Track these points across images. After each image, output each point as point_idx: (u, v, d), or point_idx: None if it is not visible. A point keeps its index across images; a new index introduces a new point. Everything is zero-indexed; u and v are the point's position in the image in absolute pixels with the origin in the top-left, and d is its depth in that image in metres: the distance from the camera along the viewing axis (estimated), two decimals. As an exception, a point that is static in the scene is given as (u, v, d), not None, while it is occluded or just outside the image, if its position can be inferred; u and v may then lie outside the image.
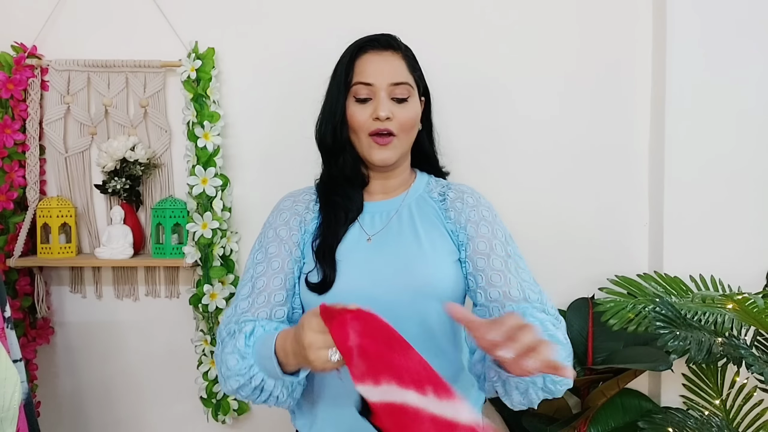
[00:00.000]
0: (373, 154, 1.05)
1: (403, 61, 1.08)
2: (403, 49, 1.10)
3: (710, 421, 1.38)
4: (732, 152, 1.56)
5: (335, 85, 1.08)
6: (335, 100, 1.07)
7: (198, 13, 1.62)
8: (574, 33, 1.62)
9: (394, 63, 1.06)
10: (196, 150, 1.54)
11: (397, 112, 1.04)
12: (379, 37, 1.09)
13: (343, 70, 1.07)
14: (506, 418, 1.64)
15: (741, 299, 1.22)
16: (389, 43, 1.08)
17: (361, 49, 1.07)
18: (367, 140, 1.05)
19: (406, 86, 1.05)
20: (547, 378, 0.88)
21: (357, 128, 1.05)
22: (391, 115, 1.03)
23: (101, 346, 1.69)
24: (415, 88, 1.08)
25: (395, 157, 1.06)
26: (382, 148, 1.04)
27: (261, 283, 1.03)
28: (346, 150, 1.09)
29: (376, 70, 1.04)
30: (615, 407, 1.54)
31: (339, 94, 1.07)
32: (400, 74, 1.06)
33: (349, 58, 1.07)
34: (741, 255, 1.56)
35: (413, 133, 1.09)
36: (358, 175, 1.10)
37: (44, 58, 1.61)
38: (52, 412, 1.69)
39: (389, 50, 1.07)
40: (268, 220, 1.13)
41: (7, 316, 1.27)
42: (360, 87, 1.05)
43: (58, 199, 1.59)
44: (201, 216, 1.54)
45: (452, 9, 1.62)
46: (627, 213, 1.66)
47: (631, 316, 1.34)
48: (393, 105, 1.04)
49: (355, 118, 1.05)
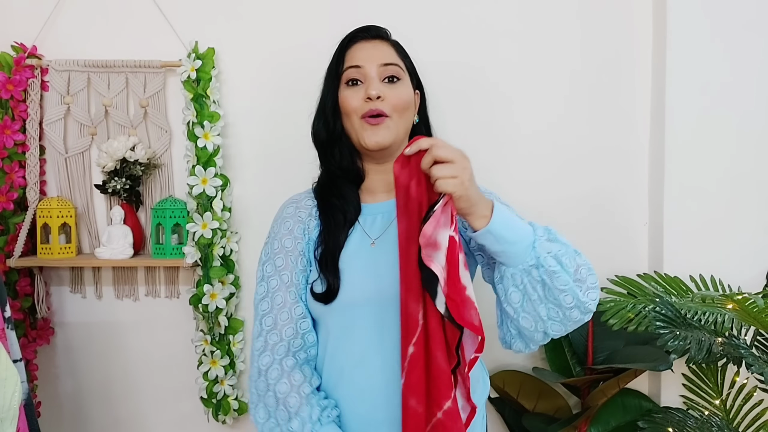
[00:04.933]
0: (366, 136, 1.03)
1: (392, 47, 1.10)
2: (392, 40, 1.12)
3: (710, 421, 1.39)
4: (732, 152, 1.56)
5: (327, 78, 1.10)
6: (327, 92, 1.09)
7: (198, 13, 1.62)
8: (575, 33, 1.62)
9: (383, 48, 1.08)
10: (196, 150, 1.54)
11: (389, 92, 1.03)
12: (368, 28, 1.11)
13: (334, 62, 1.09)
14: (506, 418, 1.64)
15: (741, 299, 1.22)
16: (378, 32, 1.11)
17: (352, 39, 1.09)
18: (360, 123, 1.03)
19: (395, 67, 1.06)
20: (540, 268, 0.90)
21: (350, 111, 1.04)
22: (382, 95, 1.02)
23: (101, 346, 1.69)
24: (406, 73, 1.08)
25: (389, 139, 1.03)
26: (375, 129, 1.02)
27: (279, 299, 1.05)
28: (341, 140, 1.09)
29: (365, 54, 1.06)
30: (615, 407, 1.55)
31: (331, 84, 1.08)
32: (390, 56, 1.07)
33: (339, 50, 1.10)
34: (741, 255, 1.56)
35: (407, 116, 1.07)
36: (353, 166, 1.09)
37: (44, 58, 1.61)
38: (52, 412, 1.69)
39: (378, 39, 1.10)
40: (272, 228, 1.13)
41: (7, 317, 1.27)
42: (350, 71, 1.05)
43: (58, 200, 1.59)
44: (201, 216, 1.53)
45: (451, 10, 1.62)
46: (627, 213, 1.66)
47: (631, 316, 1.34)
48: (384, 86, 1.04)
49: (346, 102, 1.05)
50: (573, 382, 1.52)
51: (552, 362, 1.59)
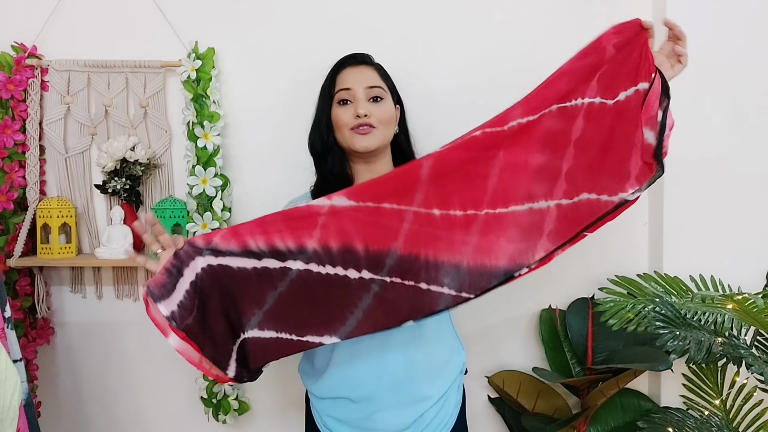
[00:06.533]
0: (355, 142, 1.20)
1: (376, 72, 1.27)
2: (376, 64, 1.30)
3: (710, 421, 1.38)
4: (732, 152, 1.56)
5: (321, 98, 1.27)
6: (321, 110, 1.26)
7: (198, 13, 1.62)
8: (574, 33, 1.62)
9: (368, 73, 1.26)
10: (196, 150, 1.54)
11: (374, 110, 1.21)
12: (355, 55, 1.29)
13: (327, 84, 1.27)
14: (506, 417, 1.64)
15: (741, 299, 1.22)
16: (363, 59, 1.29)
17: (341, 66, 1.27)
18: (350, 133, 1.21)
19: (379, 89, 1.24)
20: None
21: (341, 126, 1.22)
22: (369, 113, 1.20)
23: (101, 346, 1.70)
24: (388, 93, 1.26)
25: (376, 144, 1.21)
26: (363, 136, 1.20)
27: None
28: (333, 150, 1.25)
29: (353, 78, 1.24)
30: (615, 407, 1.55)
31: (324, 103, 1.26)
32: (374, 80, 1.25)
33: (331, 75, 1.27)
34: (741, 255, 1.56)
35: (391, 128, 1.25)
36: (343, 172, 1.25)
37: (44, 58, 1.62)
38: (52, 412, 1.70)
39: (363, 64, 1.27)
40: None
41: (7, 317, 1.27)
42: (341, 92, 1.23)
43: (58, 200, 1.59)
44: (201, 216, 1.54)
45: (451, 9, 1.62)
46: (627, 213, 1.65)
47: (631, 316, 1.34)
48: (370, 104, 1.22)
49: (338, 118, 1.22)
50: (572, 382, 1.52)
51: (551, 362, 1.59)
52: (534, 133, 1.10)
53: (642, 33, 1.10)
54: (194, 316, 1.01)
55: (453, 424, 1.24)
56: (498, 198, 1.08)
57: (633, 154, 1.08)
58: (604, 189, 1.09)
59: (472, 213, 1.07)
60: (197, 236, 1.05)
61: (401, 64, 1.39)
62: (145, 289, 1.00)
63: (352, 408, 1.18)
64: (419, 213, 1.06)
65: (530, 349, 1.67)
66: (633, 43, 1.09)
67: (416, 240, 1.06)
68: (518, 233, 1.07)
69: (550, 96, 1.11)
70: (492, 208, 1.08)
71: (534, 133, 1.10)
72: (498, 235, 1.07)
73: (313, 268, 1.04)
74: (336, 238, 1.05)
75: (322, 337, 1.04)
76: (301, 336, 1.04)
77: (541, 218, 1.08)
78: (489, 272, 1.06)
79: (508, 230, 1.07)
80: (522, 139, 1.10)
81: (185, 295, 1.01)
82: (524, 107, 1.10)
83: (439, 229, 1.06)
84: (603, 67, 1.10)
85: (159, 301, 0.98)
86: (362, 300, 1.04)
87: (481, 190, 1.08)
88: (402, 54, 1.53)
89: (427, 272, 1.05)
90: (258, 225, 1.05)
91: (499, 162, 1.09)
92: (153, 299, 0.99)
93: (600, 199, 1.09)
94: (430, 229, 1.06)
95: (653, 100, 1.07)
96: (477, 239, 1.06)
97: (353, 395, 1.18)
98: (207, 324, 1.03)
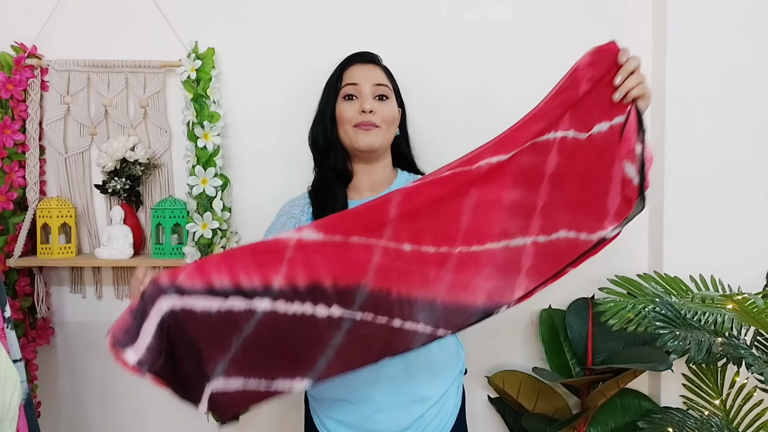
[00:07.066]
0: (359, 138, 1.21)
1: (383, 71, 1.28)
2: (383, 65, 1.31)
3: (710, 421, 1.38)
4: (732, 152, 1.56)
5: (326, 93, 1.27)
6: (326, 104, 1.26)
7: (198, 13, 1.62)
8: (573, 34, 1.62)
9: (375, 71, 1.27)
10: (196, 150, 1.54)
11: (379, 107, 1.22)
12: (364, 53, 1.29)
13: (333, 79, 1.27)
14: (506, 418, 1.64)
15: (741, 299, 1.22)
16: (372, 58, 1.30)
17: (349, 62, 1.27)
18: (353, 130, 1.22)
19: (386, 87, 1.25)
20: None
21: (345, 121, 1.22)
22: (374, 109, 1.20)
23: (101, 346, 1.67)
24: (393, 93, 1.27)
25: (378, 142, 1.22)
26: (366, 133, 1.21)
27: None
28: (335, 146, 1.25)
29: (361, 74, 1.24)
30: (615, 407, 1.55)
31: (329, 98, 1.26)
32: (381, 78, 1.26)
33: (338, 70, 1.27)
34: (741, 255, 1.56)
35: (393, 128, 1.26)
36: (344, 168, 1.25)
37: (44, 58, 1.62)
38: (52, 412, 1.69)
39: (371, 63, 1.28)
40: (270, 225, 1.25)
41: (7, 317, 1.27)
42: (348, 87, 1.24)
43: (58, 200, 1.59)
44: (201, 216, 1.53)
45: (450, 10, 1.62)
46: (627, 213, 1.65)
47: (631, 316, 1.34)
48: (376, 102, 1.22)
49: (343, 113, 1.23)
50: (572, 383, 1.52)
51: (552, 362, 1.59)
52: (506, 169, 1.07)
53: (617, 66, 1.04)
54: (163, 359, 0.99)
55: (453, 425, 1.24)
56: (472, 235, 1.05)
57: (611, 189, 1.03)
58: (582, 226, 1.04)
59: (446, 250, 1.04)
60: (163, 273, 1.01)
61: (403, 65, 1.38)
62: (109, 337, 0.98)
63: (351, 409, 1.18)
64: (388, 248, 1.03)
65: (530, 350, 1.67)
66: (608, 76, 1.04)
67: (387, 275, 1.02)
68: (495, 270, 1.04)
69: (524, 136, 1.07)
70: (467, 245, 1.05)
71: (506, 170, 1.07)
72: (474, 272, 1.04)
73: (281, 306, 1.01)
74: (303, 273, 1.01)
75: (293, 380, 1.00)
76: (270, 380, 1.00)
77: (518, 256, 1.05)
78: (466, 310, 1.03)
79: (485, 268, 1.04)
80: (494, 176, 1.07)
81: (153, 338, 0.98)
82: (495, 148, 1.07)
83: (411, 264, 1.03)
84: (577, 102, 1.06)
85: (125, 347, 0.97)
86: (333, 339, 1.01)
87: (455, 226, 1.05)
88: (402, 54, 1.53)
89: (400, 308, 1.01)
90: (224, 260, 1.01)
91: (472, 198, 1.06)
92: (119, 346, 0.97)
93: (579, 238, 1.04)
94: (401, 264, 1.03)
95: (631, 133, 1.02)
96: (452, 276, 1.03)
97: (352, 396, 1.17)
98: (177, 368, 1.00)
